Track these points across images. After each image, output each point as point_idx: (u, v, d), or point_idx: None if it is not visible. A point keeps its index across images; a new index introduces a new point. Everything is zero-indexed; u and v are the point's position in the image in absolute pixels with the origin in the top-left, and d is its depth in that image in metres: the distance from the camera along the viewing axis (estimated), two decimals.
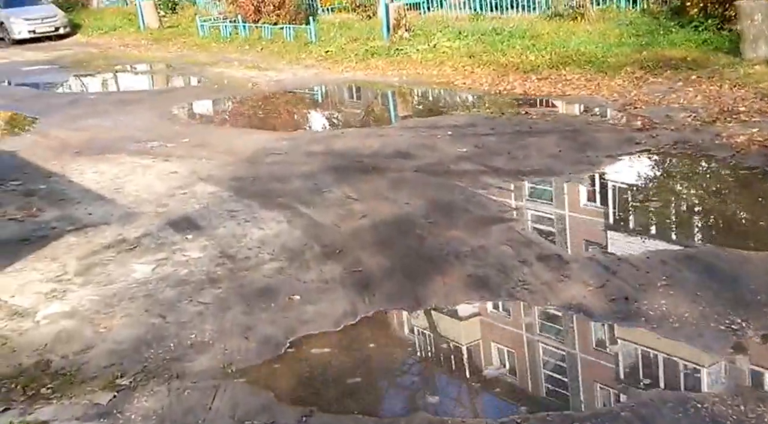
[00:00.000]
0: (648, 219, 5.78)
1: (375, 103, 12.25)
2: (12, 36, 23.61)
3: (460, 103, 11.08)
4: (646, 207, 5.99)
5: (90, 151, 8.69)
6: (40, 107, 12.09)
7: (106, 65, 17.63)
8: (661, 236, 5.41)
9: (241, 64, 16.32)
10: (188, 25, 23.70)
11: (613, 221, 5.89)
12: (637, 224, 5.75)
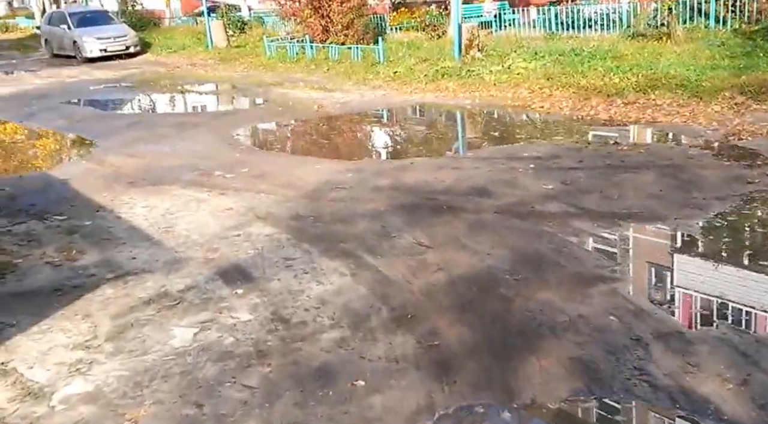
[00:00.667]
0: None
1: (446, 128, 11.39)
2: (84, 54, 23.70)
3: (540, 129, 10.14)
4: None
5: (144, 181, 8.08)
6: (100, 129, 11.65)
7: (171, 85, 17.29)
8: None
9: (306, 84, 15.72)
10: (255, 45, 23.39)
11: (739, 285, 4.88)
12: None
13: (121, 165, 9.02)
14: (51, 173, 8.79)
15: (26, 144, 11.12)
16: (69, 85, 17.88)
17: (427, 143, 9.98)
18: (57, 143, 11.24)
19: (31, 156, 10.22)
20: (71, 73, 20.55)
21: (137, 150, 9.92)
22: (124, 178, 8.30)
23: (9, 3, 60.23)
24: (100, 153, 9.92)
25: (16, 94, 16.48)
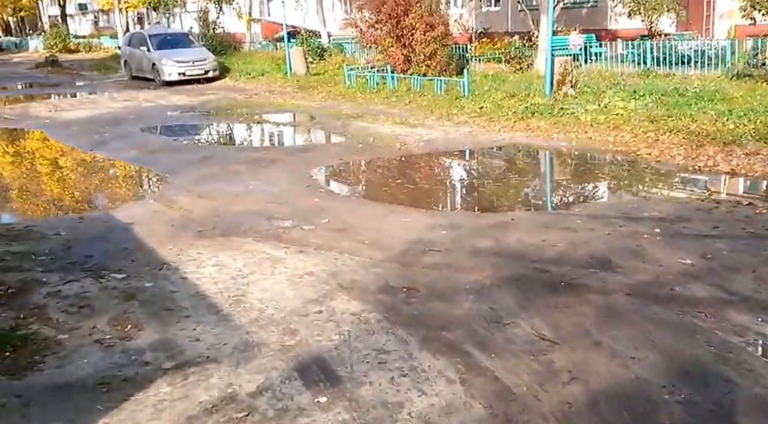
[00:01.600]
0: None
1: (545, 175, 10.22)
2: (162, 78, 23.46)
3: (654, 181, 8.93)
4: None
5: (214, 230, 7.21)
6: (171, 163, 10.94)
7: (248, 113, 16.63)
8: None
9: (387, 118, 14.81)
10: (334, 73, 22.76)
11: None
12: None
13: (190, 208, 8.19)
14: (115, 215, 8.02)
15: (92, 177, 10.48)
16: (144, 111, 17.44)
17: (526, 193, 8.87)
18: (125, 178, 10.56)
19: (95, 192, 9.53)
20: (148, 97, 20.21)
21: (209, 189, 9.12)
22: (192, 224, 7.45)
23: (95, 22, 61.84)
24: (170, 191, 9.15)
25: (90, 119, 16.08)
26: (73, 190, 9.64)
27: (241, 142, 13.81)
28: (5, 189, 9.96)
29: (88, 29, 60.47)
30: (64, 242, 6.93)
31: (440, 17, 18.92)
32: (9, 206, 9.01)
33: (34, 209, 8.78)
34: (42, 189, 9.95)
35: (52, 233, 7.26)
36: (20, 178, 10.77)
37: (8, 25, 65.71)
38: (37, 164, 11.56)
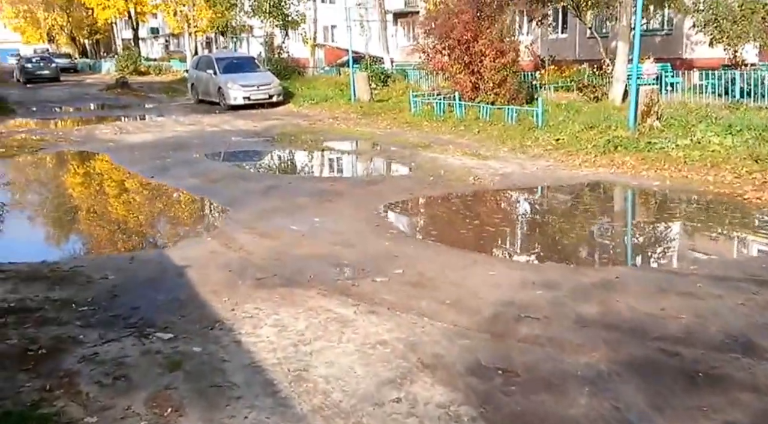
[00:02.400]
0: None
1: (643, 221, 8.98)
2: (227, 102, 22.96)
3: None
4: None
5: (275, 278, 6.29)
6: (232, 194, 10.14)
7: (312, 141, 15.83)
8: None
9: (457, 148, 13.81)
10: (399, 100, 21.90)
11: None
12: None
13: (251, 249, 7.30)
14: (169, 255, 7.19)
15: (150, 208, 9.73)
16: (209, 136, 16.83)
17: (626, 242, 7.72)
18: (184, 210, 9.77)
19: (151, 226, 8.75)
20: (212, 122, 19.66)
21: (271, 226, 8.24)
22: (252, 270, 6.55)
23: (166, 46, 62.74)
24: (230, 227, 8.31)
25: (153, 143, 15.51)
26: (128, 224, 8.88)
27: (306, 172, 12.98)
28: (58, 220, 9.29)
29: (159, 52, 61.35)
30: (110, 289, 6.10)
31: (511, 43, 17.86)
32: (59, 240, 8.28)
33: (85, 244, 8.04)
34: (96, 220, 9.22)
35: (99, 276, 6.44)
36: (75, 207, 10.10)
37: (84, 48, 67.24)
38: (95, 192, 10.92)
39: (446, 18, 17.75)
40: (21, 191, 10.83)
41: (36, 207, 10.01)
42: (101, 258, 7.26)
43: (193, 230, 8.52)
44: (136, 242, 8.03)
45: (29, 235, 8.42)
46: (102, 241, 8.13)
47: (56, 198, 10.62)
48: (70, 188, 11.52)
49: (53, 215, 9.57)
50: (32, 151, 14.55)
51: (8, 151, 14.28)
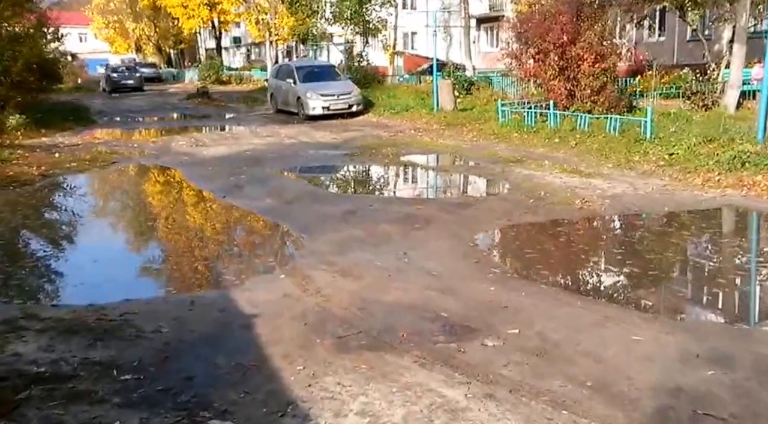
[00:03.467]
0: None
1: None
2: (306, 112, 22.04)
3: None
4: None
5: (359, 336, 5.05)
6: (309, 218, 9.00)
7: (393, 154, 14.60)
8: None
9: (553, 163, 12.32)
10: (483, 109, 20.51)
11: None
12: None
13: (329, 292, 6.10)
14: (235, 298, 6.05)
15: (219, 236, 8.65)
16: (286, 149, 15.82)
17: None
18: (256, 238, 8.62)
19: (218, 257, 7.66)
20: (290, 133, 18.69)
21: (353, 261, 7.02)
22: (332, 323, 5.34)
23: (247, 55, 63.00)
24: (305, 261, 7.14)
25: (228, 157, 14.59)
26: (193, 254, 7.82)
27: (389, 192, 11.73)
28: (116, 250, 8.29)
29: (241, 62, 61.59)
30: (161, 347, 4.98)
31: (611, 47, 16.20)
32: (114, 274, 7.25)
33: (142, 281, 6.99)
34: (158, 250, 8.24)
35: (151, 328, 5.34)
36: (136, 234, 9.18)
37: (170, 57, 68.31)
38: (161, 216, 9.96)
39: (541, 20, 16.23)
40: (79, 215, 9.98)
41: (93, 234, 9.01)
42: (157, 300, 6.17)
43: (264, 263, 7.36)
44: (199, 279, 6.92)
45: (81, 266, 7.45)
46: (161, 276, 7.07)
47: (117, 223, 9.72)
48: (133, 211, 10.61)
49: (111, 244, 8.58)
50: (103, 166, 13.83)
51: (79, 165, 13.59)
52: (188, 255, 7.82)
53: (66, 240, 8.57)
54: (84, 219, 9.69)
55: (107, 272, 7.21)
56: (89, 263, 7.52)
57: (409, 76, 33.82)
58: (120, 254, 8.01)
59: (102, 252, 7.99)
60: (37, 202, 10.65)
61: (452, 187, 12.01)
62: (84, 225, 9.39)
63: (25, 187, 11.52)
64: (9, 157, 13.81)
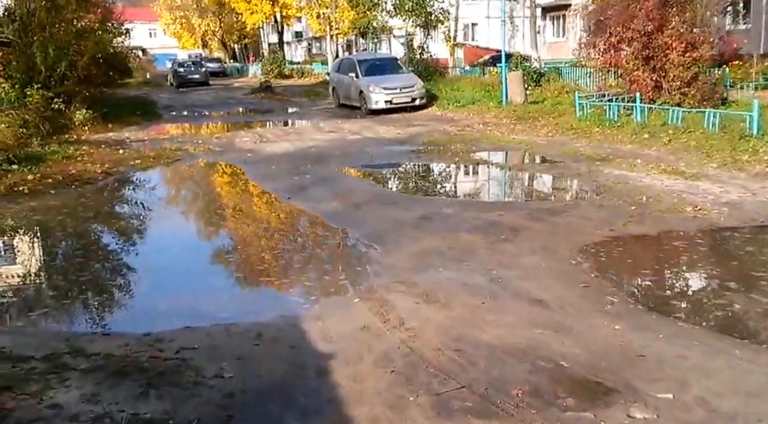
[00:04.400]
0: None
1: None
2: (369, 106, 20.99)
3: None
4: None
5: (463, 393, 3.98)
6: (380, 224, 7.98)
7: (463, 151, 13.41)
8: None
9: (646, 163, 10.97)
10: (555, 101, 19.11)
11: None
12: None
13: (415, 324, 5.03)
14: (306, 329, 5.05)
15: (284, 245, 7.63)
16: (350, 145, 14.79)
17: None
18: (324, 248, 7.54)
19: (285, 270, 6.67)
20: (353, 129, 17.67)
21: (435, 280, 5.95)
22: (423, 372, 4.27)
23: (308, 49, 62.38)
24: (381, 280, 6.09)
25: (292, 154, 13.65)
26: (257, 268, 6.85)
27: (464, 194, 10.59)
28: (175, 260, 7.38)
29: (302, 56, 61.00)
30: (224, 402, 3.99)
31: (703, 34, 14.61)
32: (171, 289, 6.34)
33: (202, 300, 6.03)
34: (220, 264, 7.29)
35: (213, 371, 4.38)
36: (199, 241, 8.30)
37: (234, 52, 68.25)
38: (224, 221, 9.06)
39: (623, 7, 14.76)
40: (139, 220, 9.17)
41: (151, 244, 8.12)
42: (219, 330, 5.17)
43: (334, 281, 6.33)
44: (265, 302, 5.94)
45: (139, 281, 6.57)
46: (224, 294, 6.09)
47: (177, 231, 8.74)
48: (195, 217, 9.79)
49: (169, 255, 7.63)
50: (167, 163, 13.08)
51: (143, 163, 12.86)
52: (253, 269, 6.86)
53: (123, 250, 7.68)
54: (143, 226, 8.89)
55: (165, 289, 6.31)
56: (146, 278, 6.63)
57: (470, 69, 32.41)
58: (179, 267, 7.10)
59: (160, 265, 7.09)
60: (97, 204, 9.87)
61: (535, 190, 10.74)
62: (143, 232, 8.58)
63: (87, 186, 10.82)
64: (73, 154, 13.21)
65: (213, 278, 6.64)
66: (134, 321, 5.54)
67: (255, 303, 5.91)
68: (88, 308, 5.82)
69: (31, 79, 17.10)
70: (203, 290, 6.26)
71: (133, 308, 5.88)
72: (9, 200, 9.76)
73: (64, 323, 5.54)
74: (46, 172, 11.30)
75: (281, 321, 5.32)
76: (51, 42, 17.88)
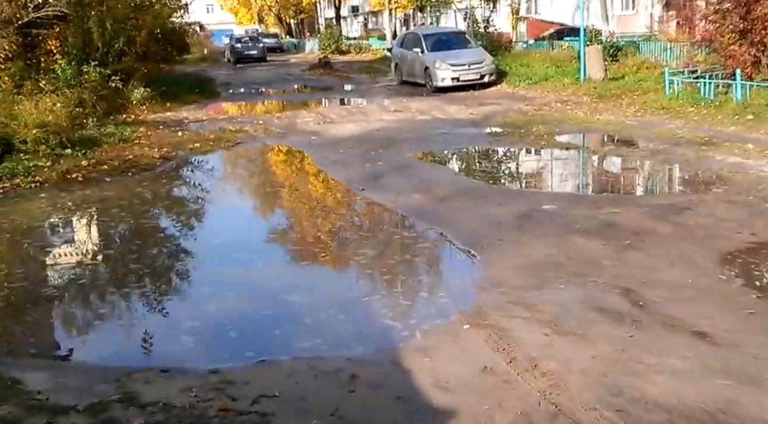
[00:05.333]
0: None
1: None
2: (434, 83, 19.66)
3: None
4: None
5: None
6: (473, 224, 6.85)
7: (548, 133, 12.10)
8: None
9: (761, 149, 9.52)
10: (637, 77, 17.52)
11: None
12: None
13: (552, 368, 3.91)
14: (411, 370, 3.98)
15: (369, 251, 6.50)
16: (421, 127, 13.59)
17: None
18: (414, 256, 6.38)
19: (373, 286, 5.58)
20: (421, 108, 16.43)
21: (560, 304, 4.81)
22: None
23: (364, 24, 60.94)
24: (491, 299, 4.98)
25: (360, 137, 12.53)
26: (340, 281, 5.80)
27: (562, 185, 9.33)
28: (240, 269, 6.25)
29: (358, 31, 59.57)
30: None
31: None
32: (238, 309, 5.32)
33: (277, 325, 4.99)
34: (295, 272, 6.26)
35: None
36: (266, 247, 7.13)
37: (290, 27, 67.20)
38: (294, 216, 8.05)
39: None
40: (198, 215, 8.22)
41: (212, 245, 7.02)
42: (302, 367, 4.11)
43: (433, 298, 5.23)
44: (354, 325, 4.86)
45: (201, 296, 5.57)
46: (303, 318, 5.03)
47: (243, 233, 7.57)
48: (260, 213, 8.78)
49: (235, 263, 6.40)
50: (228, 146, 12.11)
51: (202, 146, 11.92)
52: (333, 280, 5.81)
53: (184, 255, 6.66)
54: (206, 225, 7.88)
55: (233, 307, 5.30)
56: (211, 291, 5.63)
57: (533, 42, 30.65)
58: (247, 278, 6.00)
59: (227, 276, 6.04)
60: (154, 195, 8.94)
61: (644, 180, 9.36)
62: (205, 233, 7.54)
63: (144, 173, 9.92)
64: (130, 136, 12.34)
65: (289, 293, 5.56)
66: (199, 349, 4.55)
67: (342, 327, 4.83)
68: (143, 331, 4.82)
69: (87, 55, 16.31)
70: (278, 308, 5.23)
71: (197, 330, 4.86)
72: (61, 189, 8.93)
73: (115, 352, 4.58)
74: (101, 156, 10.45)
75: (379, 357, 4.25)
76: (108, 16, 17.00)
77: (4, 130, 10.01)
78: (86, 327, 5.15)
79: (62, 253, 6.80)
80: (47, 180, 9.18)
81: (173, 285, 5.88)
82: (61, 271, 6.30)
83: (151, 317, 5.13)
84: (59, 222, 7.82)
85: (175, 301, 5.48)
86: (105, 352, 4.60)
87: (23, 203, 8.29)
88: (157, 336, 4.73)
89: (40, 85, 12.79)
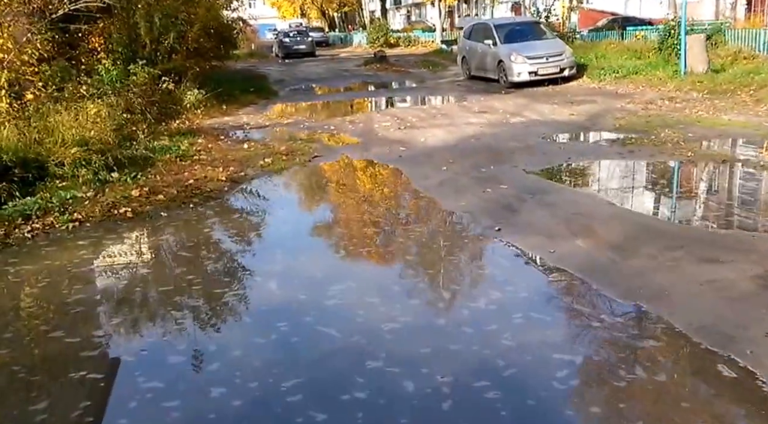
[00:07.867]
0: None
1: None
2: (510, 78, 17.01)
3: None
4: None
5: None
6: (693, 300, 4.30)
7: (683, 140, 9.40)
8: None
9: None
10: (743, 69, 14.61)
11: None
12: None
13: None
14: None
15: (556, 355, 4.01)
16: (520, 132, 10.95)
17: None
18: (619, 369, 3.88)
19: None
20: (507, 108, 13.74)
21: None
22: None
23: (407, 16, 57.99)
24: None
25: (455, 147, 9.91)
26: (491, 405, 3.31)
27: (704, 210, 6.69)
28: (335, 350, 3.83)
29: (401, 23, 56.63)
30: None
31: None
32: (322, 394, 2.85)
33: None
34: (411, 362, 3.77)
35: None
36: (360, 317, 4.69)
37: (333, 21, 64.44)
38: (416, 278, 5.56)
39: None
40: (290, 275, 5.74)
41: (296, 315, 4.66)
42: None
43: None
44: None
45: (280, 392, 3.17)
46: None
47: (351, 301, 5.25)
48: (367, 268, 6.15)
49: (347, 349, 4.15)
50: (304, 161, 9.51)
51: (275, 163, 9.34)
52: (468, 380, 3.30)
53: (278, 344, 4.25)
54: (301, 287, 5.25)
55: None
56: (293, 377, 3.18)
57: (588, 33, 27.53)
58: (359, 370, 3.56)
59: (338, 367, 3.59)
60: (225, 237, 6.51)
61: None
62: (301, 300, 4.96)
63: (210, 203, 7.46)
64: (188, 151, 9.90)
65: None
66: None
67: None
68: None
69: (134, 53, 13.95)
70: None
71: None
72: (106, 229, 6.55)
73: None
74: (155, 181, 7.99)
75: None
76: (156, 9, 14.58)
77: (36, 149, 7.66)
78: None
79: (96, 339, 4.38)
80: (89, 217, 6.79)
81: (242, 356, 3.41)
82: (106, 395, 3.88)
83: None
84: (100, 291, 5.40)
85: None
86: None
87: (55, 255, 5.92)
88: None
89: (81, 90, 10.38)
